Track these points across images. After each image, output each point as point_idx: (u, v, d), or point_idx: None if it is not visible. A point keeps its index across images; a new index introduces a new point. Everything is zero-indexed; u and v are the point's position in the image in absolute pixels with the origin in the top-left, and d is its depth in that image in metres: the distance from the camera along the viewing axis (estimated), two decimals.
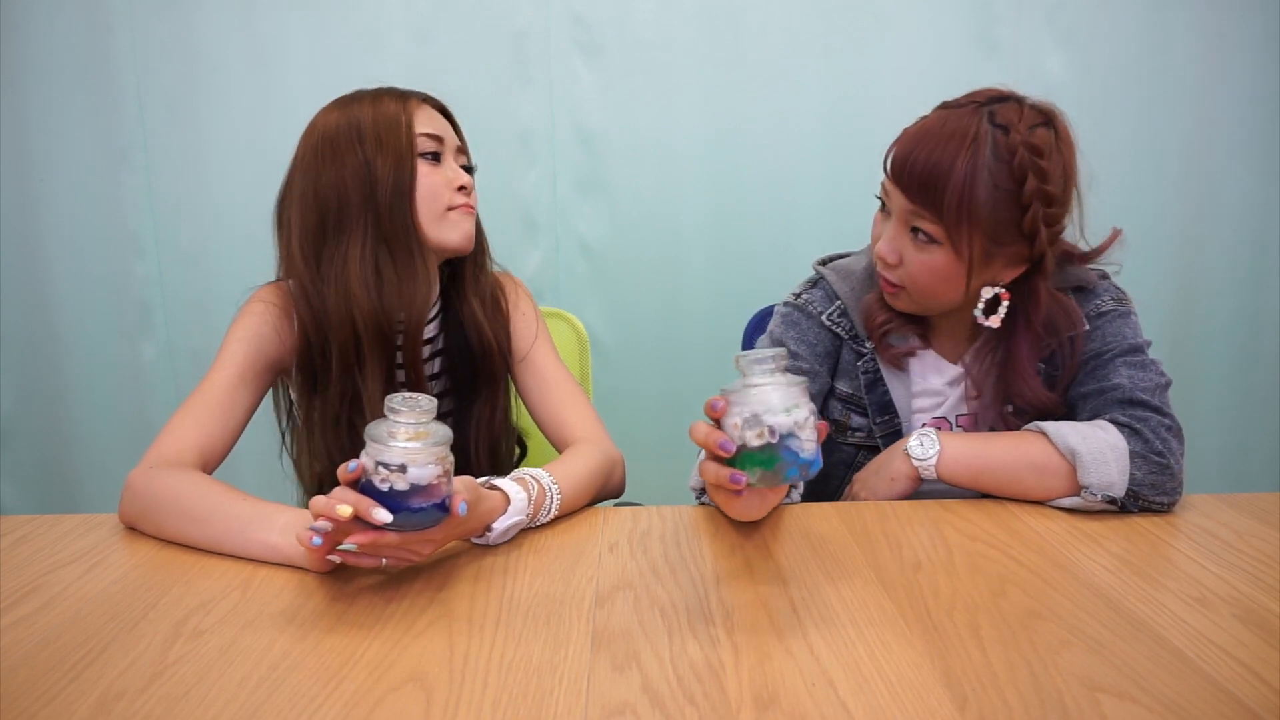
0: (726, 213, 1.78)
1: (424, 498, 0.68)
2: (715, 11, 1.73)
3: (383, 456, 0.68)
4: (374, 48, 1.72)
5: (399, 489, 0.68)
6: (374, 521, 0.67)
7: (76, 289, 1.83)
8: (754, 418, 0.67)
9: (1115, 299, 1.01)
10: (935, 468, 0.92)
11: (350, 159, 0.97)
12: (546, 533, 0.86)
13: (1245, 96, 1.76)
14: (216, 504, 0.83)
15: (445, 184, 1.01)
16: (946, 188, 0.88)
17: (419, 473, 0.68)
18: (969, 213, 0.89)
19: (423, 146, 1.00)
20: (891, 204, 0.95)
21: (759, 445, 0.67)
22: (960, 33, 1.72)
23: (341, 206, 0.98)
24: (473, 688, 0.58)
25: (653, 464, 1.85)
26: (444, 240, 1.01)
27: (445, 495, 0.70)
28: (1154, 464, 0.87)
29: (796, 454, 0.67)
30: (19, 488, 1.95)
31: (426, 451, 0.68)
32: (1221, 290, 1.84)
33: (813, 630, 0.65)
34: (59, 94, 1.75)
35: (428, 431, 0.69)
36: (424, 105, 1.03)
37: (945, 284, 0.95)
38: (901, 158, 0.92)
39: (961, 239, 0.90)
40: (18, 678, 0.60)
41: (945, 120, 0.91)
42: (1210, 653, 0.62)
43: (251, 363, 0.99)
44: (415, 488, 0.68)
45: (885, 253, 0.96)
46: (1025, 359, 0.98)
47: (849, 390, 1.06)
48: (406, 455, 0.68)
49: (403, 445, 0.68)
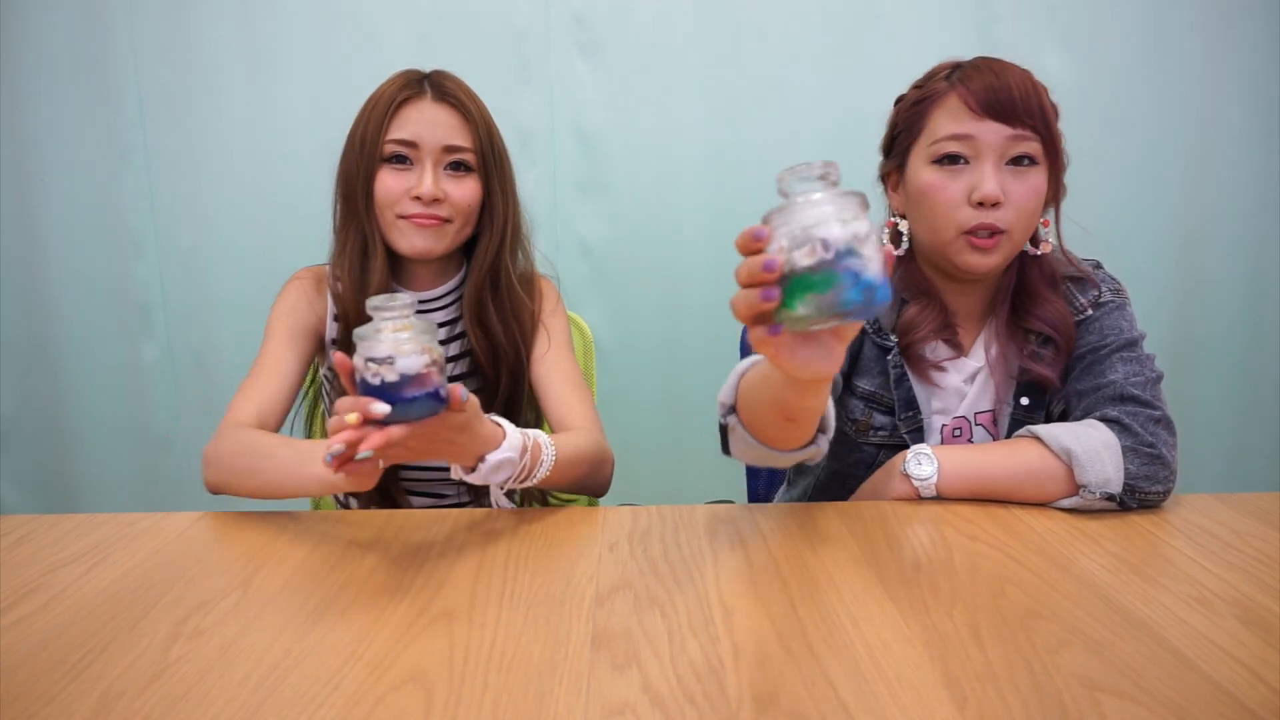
0: (727, 213, 1.78)
1: (416, 387, 0.72)
2: (715, 12, 1.73)
3: (371, 352, 0.71)
4: (374, 48, 1.72)
5: (389, 381, 0.71)
6: (372, 415, 0.70)
7: (76, 290, 1.83)
8: (803, 232, 0.57)
9: (1112, 290, 1.02)
10: (935, 486, 0.92)
11: (350, 154, 1.06)
12: (546, 533, 0.86)
13: (1246, 96, 1.76)
14: (271, 450, 0.92)
15: (403, 191, 1.03)
16: (1043, 103, 0.94)
17: (406, 362, 0.71)
18: (1054, 124, 0.95)
19: (389, 150, 1.03)
20: (980, 144, 0.94)
21: (810, 265, 0.56)
22: (960, 32, 1.72)
23: (347, 193, 1.06)
24: (473, 688, 0.58)
25: (653, 464, 1.85)
26: (397, 246, 1.06)
27: (438, 385, 0.73)
28: (1145, 455, 0.88)
29: (856, 274, 0.56)
30: (19, 488, 1.95)
31: (411, 341, 0.71)
32: (1223, 290, 1.84)
33: (813, 630, 0.65)
34: (59, 94, 1.75)
35: (410, 324, 0.72)
36: (419, 103, 1.03)
37: (1040, 208, 0.97)
38: (993, 88, 0.93)
39: (1053, 150, 0.95)
40: (18, 678, 0.60)
41: (992, 62, 0.96)
42: (1210, 653, 0.62)
43: (291, 329, 1.07)
44: (405, 378, 0.71)
45: (995, 191, 0.93)
46: (1039, 283, 1.01)
47: (871, 388, 1.04)
48: (392, 347, 0.71)
49: (389, 338, 0.71)
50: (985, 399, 1.04)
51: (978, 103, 0.93)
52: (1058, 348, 1.00)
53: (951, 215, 0.95)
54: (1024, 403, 1.02)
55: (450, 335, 1.13)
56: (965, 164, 0.95)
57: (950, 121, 0.95)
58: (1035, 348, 1.01)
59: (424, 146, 1.02)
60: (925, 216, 0.98)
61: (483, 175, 1.06)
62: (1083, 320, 1.00)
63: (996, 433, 1.05)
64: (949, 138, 0.95)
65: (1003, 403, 1.04)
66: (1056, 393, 1.01)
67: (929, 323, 1.01)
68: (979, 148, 0.94)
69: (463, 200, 1.05)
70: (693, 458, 1.88)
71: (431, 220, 1.03)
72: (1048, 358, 1.00)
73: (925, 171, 0.97)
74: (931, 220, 0.98)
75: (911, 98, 1.01)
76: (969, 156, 0.95)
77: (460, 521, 0.89)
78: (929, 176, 0.97)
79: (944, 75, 0.98)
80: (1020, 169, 0.94)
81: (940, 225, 0.96)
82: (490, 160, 1.07)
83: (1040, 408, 1.02)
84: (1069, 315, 1.00)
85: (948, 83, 0.97)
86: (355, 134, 1.05)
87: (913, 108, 1.00)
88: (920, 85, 1.01)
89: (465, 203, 1.05)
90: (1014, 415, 1.02)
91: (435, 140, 1.03)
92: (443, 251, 1.07)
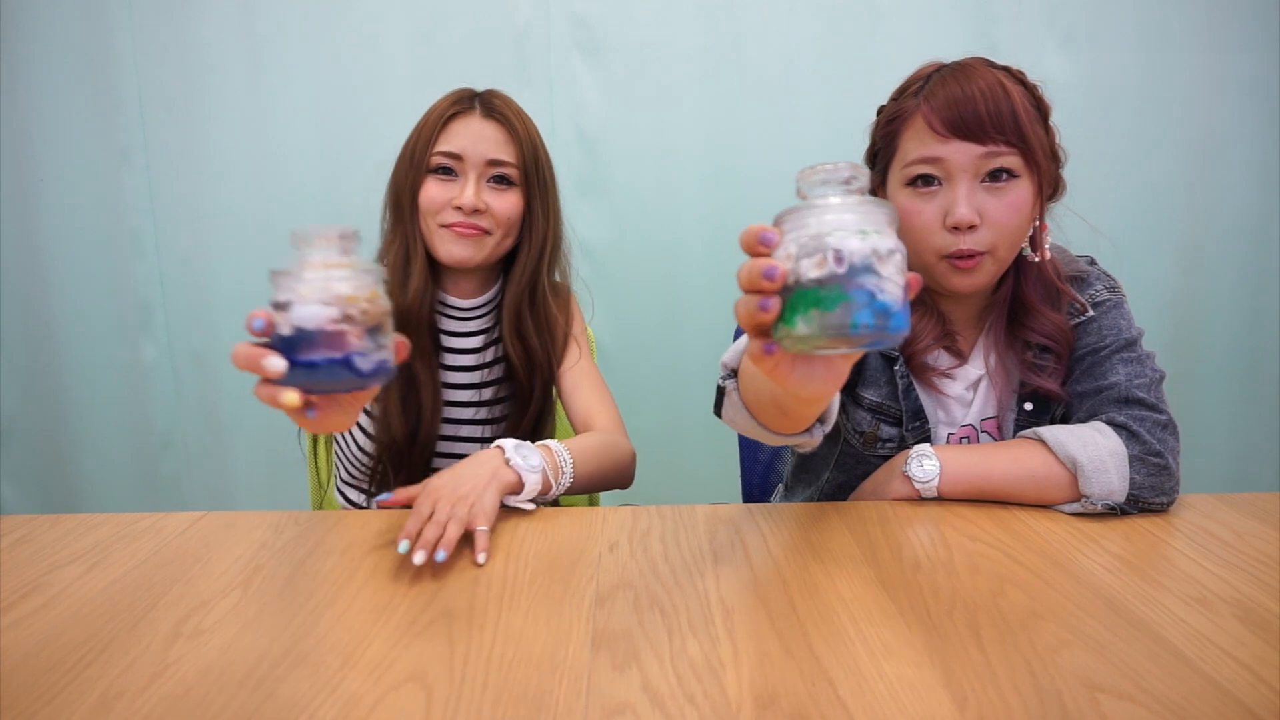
0: (726, 213, 1.78)
1: (319, 350, 0.55)
2: (715, 12, 1.73)
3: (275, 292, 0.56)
4: (374, 48, 1.72)
5: (284, 334, 0.56)
6: (266, 373, 0.57)
7: (77, 289, 1.83)
8: (814, 240, 0.49)
9: (1108, 288, 1.01)
10: (936, 488, 0.91)
11: (401, 164, 1.10)
12: (546, 533, 0.86)
13: (1245, 97, 1.76)
14: None
15: (446, 200, 1.07)
16: (1015, 110, 0.88)
17: (303, 312, 0.54)
18: (1032, 129, 0.90)
19: (435, 162, 1.07)
20: (951, 165, 0.90)
21: (818, 278, 0.48)
22: (960, 33, 1.72)
23: (395, 201, 1.10)
24: (473, 687, 0.58)
25: (653, 464, 1.85)
26: (437, 253, 1.09)
27: (355, 351, 0.56)
28: (1152, 465, 0.87)
29: (871, 294, 0.48)
30: (19, 488, 1.95)
31: (316, 286, 0.55)
32: (1221, 291, 1.84)
33: (813, 630, 0.65)
34: (60, 94, 1.75)
35: (330, 262, 0.56)
36: (467, 118, 1.08)
37: (1026, 221, 0.94)
38: (956, 102, 0.89)
39: (1033, 160, 0.91)
40: (18, 678, 0.60)
41: (959, 70, 0.92)
42: (1210, 653, 0.62)
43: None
44: (301, 333, 0.55)
45: (968, 215, 0.89)
46: (1033, 295, 0.98)
47: (878, 399, 1.01)
48: (292, 290, 0.55)
49: (300, 278, 0.55)
50: (990, 406, 1.03)
51: (942, 122, 0.89)
52: (1058, 355, 0.98)
53: (928, 240, 0.93)
54: (1028, 408, 1.00)
55: (486, 343, 1.17)
56: (939, 185, 0.92)
57: (918, 145, 0.92)
58: (1035, 359, 0.99)
59: (468, 159, 1.07)
60: (905, 240, 0.96)
61: (524, 190, 1.11)
62: (1080, 322, 0.99)
63: (1002, 439, 1.03)
64: (918, 161, 0.92)
65: (1006, 409, 1.03)
66: (1061, 402, 1.00)
67: (929, 332, 0.99)
68: (949, 169, 0.91)
69: (503, 212, 1.08)
70: (693, 458, 1.89)
71: (472, 230, 1.07)
72: (1049, 367, 0.98)
73: (900, 194, 0.95)
74: (911, 244, 0.94)
75: (886, 114, 0.98)
76: (941, 178, 0.92)
77: None
78: (903, 200, 0.94)
79: (914, 90, 0.94)
80: (998, 185, 0.91)
81: (919, 250, 0.94)
82: (533, 176, 1.11)
83: (1045, 412, 1.00)
84: (1066, 324, 0.98)
85: (915, 100, 0.93)
86: (407, 146, 1.10)
87: (887, 126, 0.97)
88: (895, 98, 0.98)
89: (505, 215, 1.09)
90: (1018, 420, 1.01)
91: (480, 154, 1.07)
92: (481, 261, 1.10)
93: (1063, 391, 0.98)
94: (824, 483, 1.08)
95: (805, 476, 1.14)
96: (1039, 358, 0.99)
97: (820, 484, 1.09)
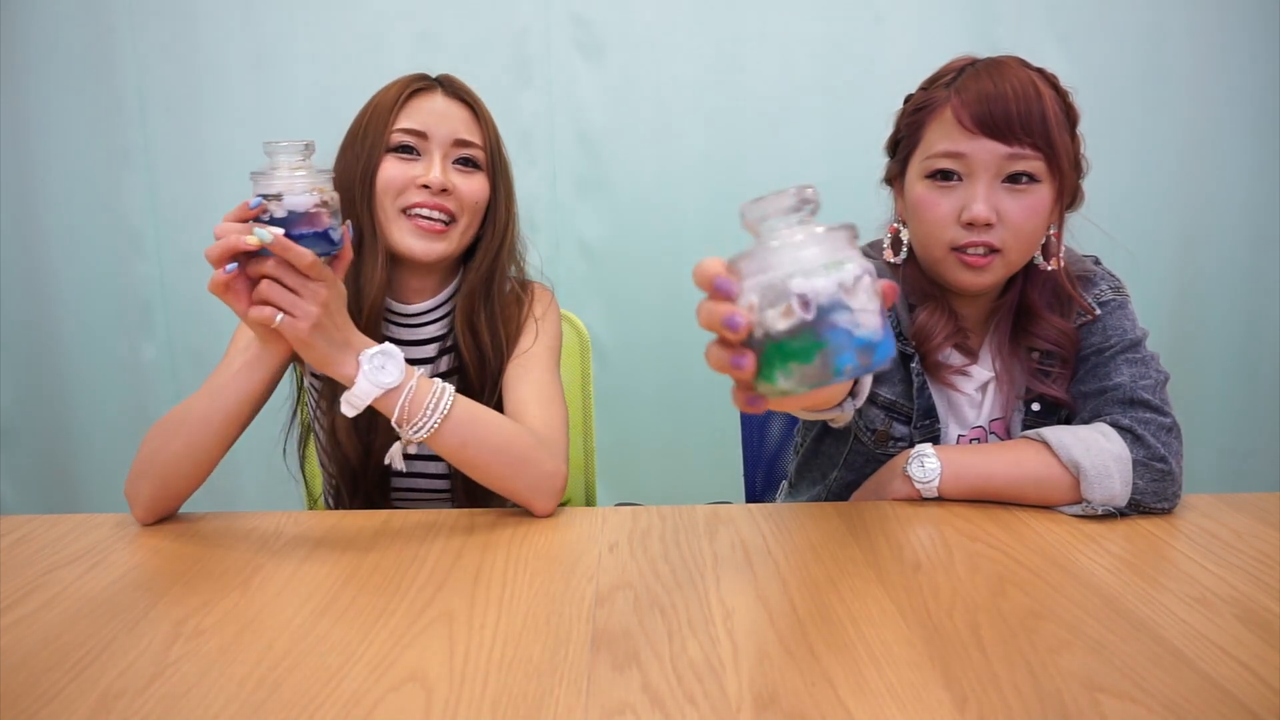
0: (727, 212, 1.76)
1: (306, 225, 0.76)
2: (715, 12, 1.73)
3: (262, 188, 0.76)
4: (374, 48, 1.72)
5: (278, 216, 0.76)
6: (246, 247, 0.75)
7: (77, 289, 1.83)
8: (775, 287, 0.46)
9: (1113, 287, 1.01)
10: (937, 488, 0.91)
11: (350, 146, 1.01)
12: (546, 533, 0.86)
13: (1245, 96, 1.76)
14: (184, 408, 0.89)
15: (408, 180, 0.97)
16: (1045, 113, 0.88)
17: (295, 200, 0.76)
18: (1059, 135, 0.89)
19: (395, 140, 0.98)
20: (974, 162, 0.90)
21: (788, 328, 0.46)
22: (960, 32, 1.72)
23: (346, 185, 0.98)
24: (473, 688, 0.58)
25: (653, 464, 1.85)
26: (396, 245, 0.99)
27: (329, 227, 0.78)
28: (1156, 471, 0.87)
29: (849, 333, 0.45)
30: (19, 488, 1.95)
31: (301, 180, 0.76)
32: (1221, 290, 1.84)
33: (813, 630, 0.65)
34: (60, 94, 1.75)
35: (303, 166, 0.77)
36: (430, 96, 1.00)
37: (1042, 227, 0.93)
38: (988, 99, 0.88)
39: (1057, 166, 0.90)
40: (18, 678, 0.60)
41: (993, 67, 0.91)
42: (1210, 653, 0.62)
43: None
44: (293, 215, 0.76)
45: (985, 213, 0.89)
46: (1040, 303, 0.98)
47: (892, 396, 1.00)
48: (284, 184, 0.75)
49: (281, 176, 0.76)
50: (997, 408, 1.03)
51: (971, 117, 0.89)
52: (1063, 360, 0.98)
53: (940, 233, 0.93)
54: (1035, 409, 1.00)
55: (440, 351, 1.07)
56: (959, 180, 0.91)
57: (943, 137, 0.91)
58: (1040, 364, 0.99)
59: (433, 137, 0.98)
60: (917, 231, 0.96)
61: (490, 175, 1.03)
62: (1085, 322, 0.99)
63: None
64: (941, 154, 0.91)
65: (1013, 410, 1.02)
66: (1067, 406, 0.99)
67: (941, 328, 0.98)
68: (972, 165, 0.90)
69: (470, 196, 1.00)
70: (693, 458, 1.89)
71: (438, 213, 0.98)
72: (1054, 372, 0.98)
73: (919, 185, 0.94)
74: (921, 235, 0.96)
75: (914, 103, 0.97)
76: (962, 173, 0.91)
77: (460, 522, 0.89)
78: (921, 191, 0.94)
79: (946, 80, 0.94)
80: (1018, 187, 0.90)
81: (928, 242, 0.94)
82: (498, 161, 1.04)
83: (1053, 414, 1.00)
84: (1071, 330, 0.98)
85: (947, 90, 0.92)
86: (357, 126, 1.01)
87: (913, 115, 0.96)
88: (925, 87, 0.98)
89: (473, 199, 1.00)
90: (1025, 421, 1.01)
91: (446, 132, 0.99)
92: (449, 254, 1.01)
93: (1068, 397, 0.98)
94: (831, 481, 1.08)
95: (811, 475, 1.13)
96: (1043, 363, 0.99)
97: (828, 482, 1.09)
